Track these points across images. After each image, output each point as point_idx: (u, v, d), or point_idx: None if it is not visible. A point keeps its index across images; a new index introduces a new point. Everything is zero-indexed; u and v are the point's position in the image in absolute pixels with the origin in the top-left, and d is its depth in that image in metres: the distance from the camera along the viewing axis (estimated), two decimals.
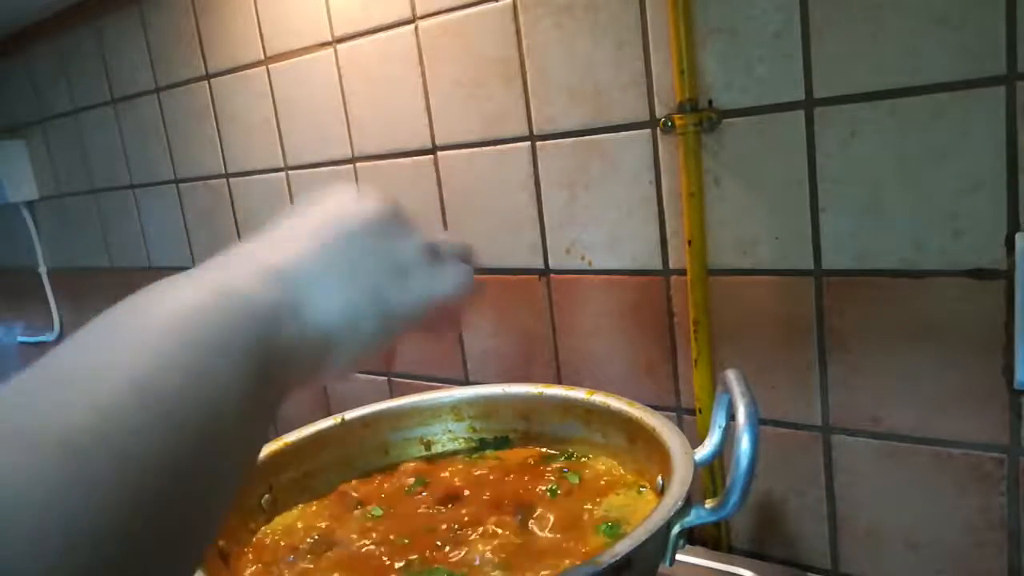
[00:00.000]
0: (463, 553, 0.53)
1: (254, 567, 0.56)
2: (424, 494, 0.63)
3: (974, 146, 0.57)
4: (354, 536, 0.58)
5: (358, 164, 0.96)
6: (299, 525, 0.61)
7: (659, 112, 0.71)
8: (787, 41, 0.63)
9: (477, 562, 0.52)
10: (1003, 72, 0.55)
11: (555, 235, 0.81)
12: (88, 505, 0.21)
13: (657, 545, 0.46)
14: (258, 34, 1.01)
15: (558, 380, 0.85)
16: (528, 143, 0.81)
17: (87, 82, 1.31)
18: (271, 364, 0.31)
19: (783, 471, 0.72)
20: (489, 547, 0.53)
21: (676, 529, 0.46)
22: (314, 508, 0.64)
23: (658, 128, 0.71)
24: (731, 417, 0.48)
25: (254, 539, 0.59)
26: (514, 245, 0.85)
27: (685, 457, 0.50)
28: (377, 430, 0.69)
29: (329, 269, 0.36)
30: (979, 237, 0.59)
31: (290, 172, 1.05)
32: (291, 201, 1.06)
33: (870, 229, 0.63)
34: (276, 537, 0.59)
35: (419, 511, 0.61)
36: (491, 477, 0.64)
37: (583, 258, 0.80)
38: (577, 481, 0.61)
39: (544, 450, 0.67)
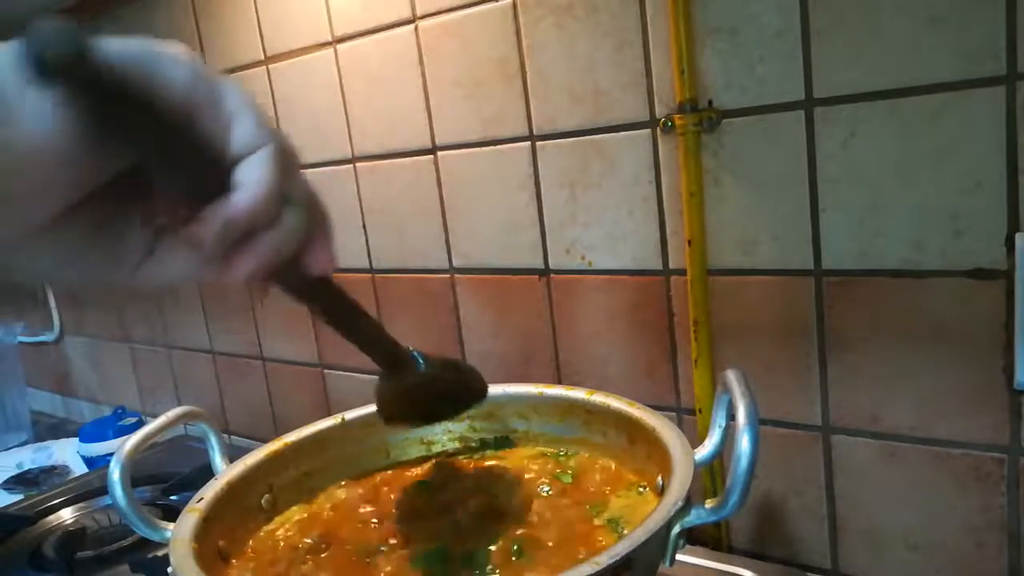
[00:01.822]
0: (471, 548, 0.53)
1: (254, 567, 0.56)
2: (423, 495, 0.63)
3: (974, 146, 0.57)
4: (353, 536, 0.58)
5: (358, 164, 0.96)
6: (299, 525, 0.61)
7: (659, 112, 0.71)
8: (787, 41, 0.63)
9: (480, 561, 0.52)
10: (1003, 72, 0.55)
11: (555, 235, 0.81)
12: None
13: (657, 545, 0.46)
14: (258, 34, 1.01)
15: (558, 380, 0.85)
16: (528, 143, 0.81)
17: None
18: None
19: (783, 471, 0.72)
20: (491, 546, 0.53)
21: (676, 529, 0.46)
22: (314, 508, 0.64)
23: (658, 128, 0.71)
24: (731, 417, 0.48)
25: (254, 539, 0.59)
26: (514, 245, 0.85)
27: (685, 457, 0.50)
28: (377, 430, 0.69)
29: None
30: (979, 237, 0.59)
31: None
32: None
33: (870, 229, 0.63)
34: (276, 537, 0.59)
35: (418, 513, 0.61)
36: (491, 475, 0.64)
37: (583, 258, 0.80)
38: (570, 480, 0.61)
39: (544, 450, 0.67)
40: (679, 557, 0.48)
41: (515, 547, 0.52)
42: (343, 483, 0.66)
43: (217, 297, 1.23)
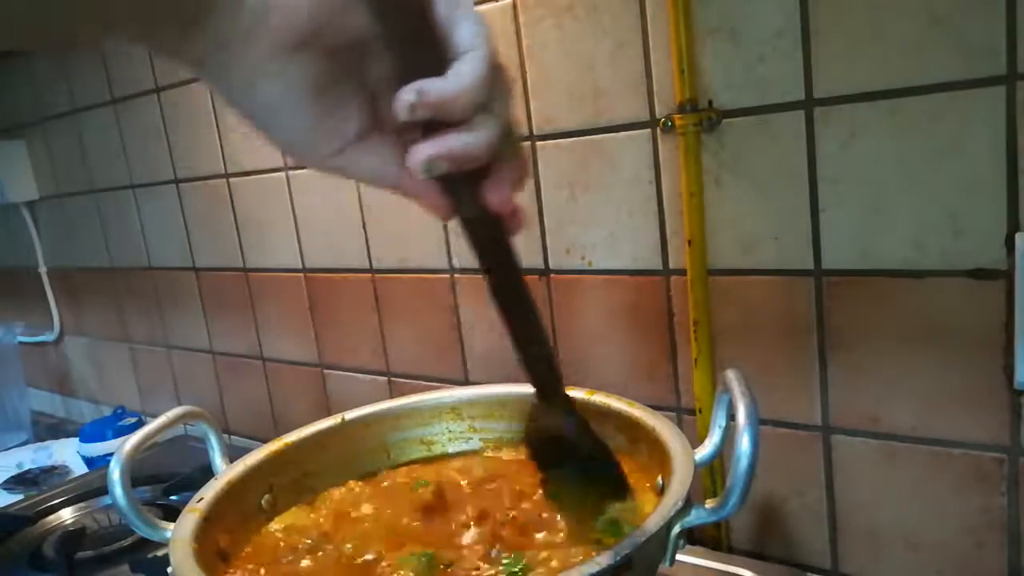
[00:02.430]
0: (463, 553, 0.53)
1: (254, 567, 0.56)
2: (423, 492, 0.63)
3: (974, 146, 0.57)
4: (353, 537, 0.58)
5: None
6: (299, 525, 0.61)
7: (659, 112, 0.71)
8: (787, 41, 0.63)
9: (479, 562, 0.52)
10: (1003, 72, 0.55)
11: (555, 235, 0.81)
12: None
13: (657, 545, 0.46)
14: None
15: None
16: (528, 143, 0.81)
17: (87, 82, 1.31)
18: None
19: (783, 471, 0.72)
20: (492, 547, 0.53)
21: (676, 529, 0.46)
22: (314, 508, 0.63)
23: (658, 128, 0.71)
24: (731, 417, 0.48)
25: (254, 539, 0.59)
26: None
27: (685, 457, 0.50)
28: (377, 430, 0.69)
29: None
30: (979, 237, 0.59)
31: (290, 172, 1.05)
32: (291, 201, 1.06)
33: (870, 229, 0.63)
34: (276, 537, 0.59)
35: (420, 511, 0.61)
36: (491, 476, 0.64)
37: (583, 258, 0.80)
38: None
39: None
40: (679, 557, 0.48)
41: (514, 546, 0.52)
42: (343, 483, 0.66)
43: (217, 297, 1.23)
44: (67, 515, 0.99)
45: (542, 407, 0.51)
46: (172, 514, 0.57)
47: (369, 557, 0.55)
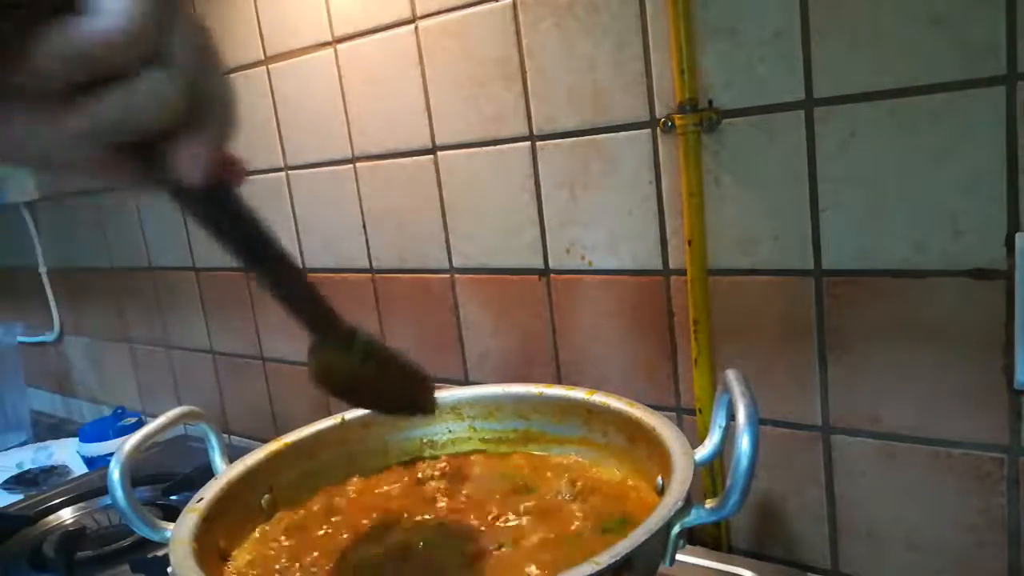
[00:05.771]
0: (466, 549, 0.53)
1: (253, 567, 0.56)
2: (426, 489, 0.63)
3: (974, 146, 0.57)
4: (352, 536, 0.58)
5: (358, 164, 0.96)
6: (299, 525, 0.61)
7: (659, 112, 0.71)
8: (787, 41, 0.63)
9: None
10: (1003, 72, 0.55)
11: (555, 235, 0.81)
12: None
13: (657, 545, 0.46)
14: (258, 34, 1.01)
15: (558, 380, 0.85)
16: (528, 143, 0.81)
17: None
18: None
19: (783, 471, 0.72)
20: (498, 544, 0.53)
21: (676, 529, 0.46)
22: (313, 508, 0.63)
23: (658, 128, 0.71)
24: (731, 417, 0.48)
25: (253, 539, 0.59)
26: (514, 245, 0.85)
27: (685, 457, 0.50)
28: (377, 430, 0.69)
29: None
30: (979, 237, 0.59)
31: (290, 172, 1.05)
32: (291, 201, 1.06)
33: (870, 229, 0.63)
34: (276, 537, 0.59)
35: (420, 509, 0.61)
36: (495, 474, 0.64)
37: (583, 258, 0.80)
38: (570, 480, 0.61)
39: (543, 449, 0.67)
40: (679, 557, 0.48)
41: (517, 545, 0.52)
42: (343, 483, 0.66)
43: (217, 297, 1.23)
44: (67, 515, 0.99)
45: (324, 345, 0.45)
46: (172, 514, 0.57)
47: (368, 558, 0.55)
